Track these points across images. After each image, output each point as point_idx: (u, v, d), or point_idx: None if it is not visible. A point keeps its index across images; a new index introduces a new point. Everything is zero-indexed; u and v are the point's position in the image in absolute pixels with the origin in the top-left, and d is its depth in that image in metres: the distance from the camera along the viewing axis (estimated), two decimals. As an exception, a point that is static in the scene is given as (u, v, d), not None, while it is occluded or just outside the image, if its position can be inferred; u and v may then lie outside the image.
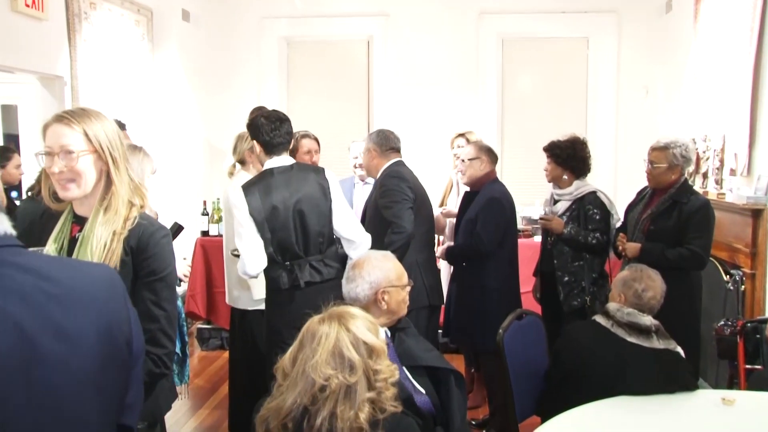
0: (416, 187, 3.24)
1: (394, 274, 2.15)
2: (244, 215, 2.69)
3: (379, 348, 1.52)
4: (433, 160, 5.29)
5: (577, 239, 3.35)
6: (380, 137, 3.33)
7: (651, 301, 2.46)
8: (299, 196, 2.72)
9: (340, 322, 1.53)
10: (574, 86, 5.66)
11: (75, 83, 3.83)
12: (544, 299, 3.60)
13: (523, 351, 2.58)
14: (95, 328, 1.01)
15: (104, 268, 1.15)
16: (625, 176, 5.30)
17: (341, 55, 5.87)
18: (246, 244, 2.68)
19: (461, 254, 3.42)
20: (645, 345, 2.35)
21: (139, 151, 2.53)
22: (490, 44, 5.62)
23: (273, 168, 2.76)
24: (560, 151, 3.45)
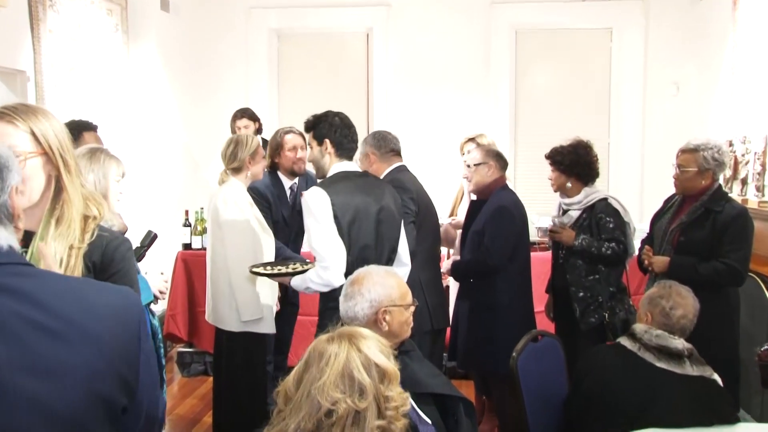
0: (420, 197, 3.24)
1: (397, 292, 2.16)
2: (327, 216, 2.68)
3: (392, 372, 1.53)
4: (439, 165, 5.29)
5: (590, 251, 3.36)
6: (377, 139, 3.32)
7: (681, 321, 2.44)
8: (380, 206, 2.80)
9: (350, 342, 1.53)
10: (596, 83, 5.66)
11: (39, 79, 3.84)
12: (558, 317, 3.61)
13: (539, 377, 2.58)
14: (88, 369, 0.99)
15: (120, 296, 1.10)
16: (653, 183, 5.28)
17: (337, 49, 5.89)
18: (332, 247, 2.66)
19: (468, 270, 3.43)
20: (676, 371, 2.35)
21: (99, 154, 2.52)
22: (502, 37, 5.63)
23: (349, 171, 2.83)
24: (562, 158, 3.49)
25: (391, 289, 2.15)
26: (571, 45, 5.69)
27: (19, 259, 1.03)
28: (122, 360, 1.04)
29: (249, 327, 3.36)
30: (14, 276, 0.99)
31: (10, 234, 1.03)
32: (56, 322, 0.98)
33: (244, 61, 5.81)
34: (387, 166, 3.28)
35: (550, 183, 3.57)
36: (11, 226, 1.04)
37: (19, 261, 1.02)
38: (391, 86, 5.74)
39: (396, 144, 3.34)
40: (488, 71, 5.65)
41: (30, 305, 0.97)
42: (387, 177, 3.24)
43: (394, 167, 3.28)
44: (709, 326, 2.71)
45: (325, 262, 2.66)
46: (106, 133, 4.01)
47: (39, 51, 3.85)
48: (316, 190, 2.73)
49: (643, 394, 2.29)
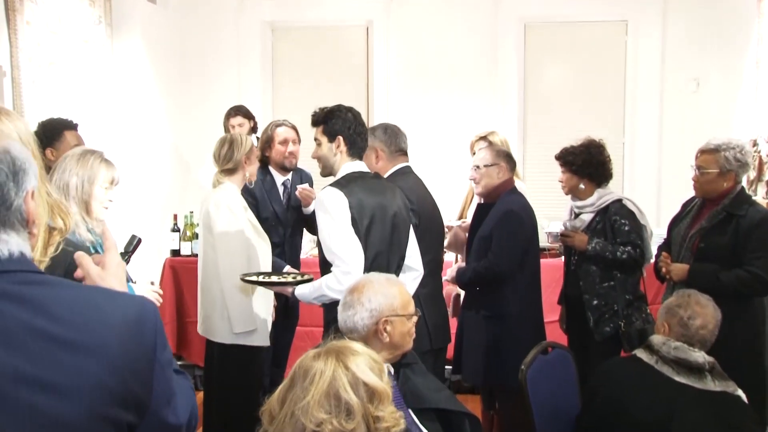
0: (423, 205, 3.21)
1: (399, 301, 2.16)
2: (345, 217, 2.66)
3: (381, 391, 1.52)
4: (444, 165, 5.29)
5: (604, 255, 3.36)
6: (388, 135, 3.27)
7: (701, 332, 2.43)
8: (394, 210, 2.80)
9: (337, 359, 1.53)
10: (610, 79, 5.65)
11: (16, 74, 3.83)
12: (570, 327, 3.61)
13: (549, 391, 2.59)
14: (94, 383, 1.01)
15: (136, 306, 1.12)
16: (671, 186, 5.26)
17: (335, 43, 5.90)
18: (353, 250, 2.64)
19: (474, 278, 3.41)
20: (696, 386, 2.35)
21: (88, 157, 2.52)
22: (510, 30, 5.63)
23: (363, 172, 2.82)
24: (573, 158, 3.50)
25: (393, 299, 2.15)
26: (583, 39, 5.69)
27: (30, 266, 1.05)
28: (133, 374, 1.06)
29: (241, 339, 3.35)
30: (24, 284, 1.02)
31: (23, 240, 1.06)
32: (64, 333, 1.01)
33: (236, 56, 5.81)
34: (392, 166, 3.25)
35: (561, 185, 3.59)
36: (25, 232, 1.07)
37: (30, 269, 1.05)
38: (393, 83, 5.74)
39: (405, 142, 3.33)
40: (495, 67, 5.65)
41: (38, 315, 1.00)
42: (388, 179, 3.21)
43: (398, 168, 3.25)
44: (733, 338, 2.70)
45: (346, 266, 2.61)
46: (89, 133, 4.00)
47: (16, 45, 3.85)
48: (332, 190, 2.70)
49: (661, 411, 2.28)
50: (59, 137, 3.36)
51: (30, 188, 1.06)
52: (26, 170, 1.06)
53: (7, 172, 1.03)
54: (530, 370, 2.55)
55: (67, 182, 2.48)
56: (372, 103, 5.79)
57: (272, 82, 5.93)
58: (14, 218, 1.04)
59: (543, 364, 2.62)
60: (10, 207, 1.03)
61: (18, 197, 1.04)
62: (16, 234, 1.05)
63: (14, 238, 1.04)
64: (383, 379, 1.55)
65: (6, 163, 1.03)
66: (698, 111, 5.38)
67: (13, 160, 1.04)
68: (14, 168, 1.04)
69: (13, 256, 1.03)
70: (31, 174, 1.07)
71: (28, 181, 1.06)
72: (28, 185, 1.06)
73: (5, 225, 1.04)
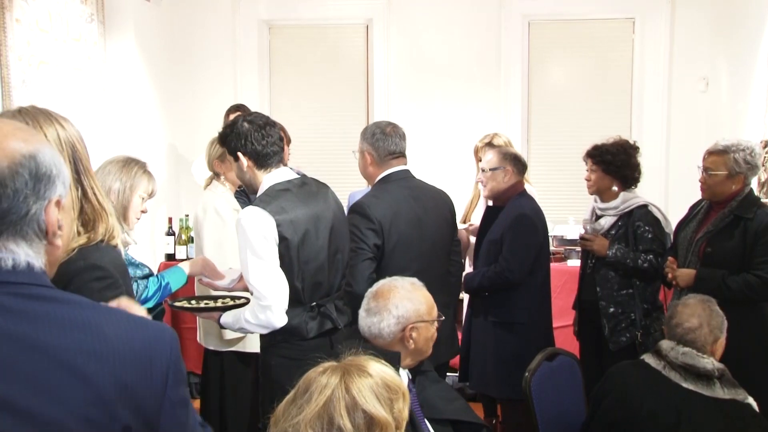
0: (393, 221, 3.00)
1: (425, 306, 2.19)
2: (267, 244, 2.50)
3: (383, 423, 1.44)
4: (446, 167, 5.30)
5: (624, 262, 3.34)
6: (376, 139, 3.09)
7: (677, 330, 2.42)
8: (328, 216, 2.68)
9: (342, 378, 1.47)
10: (617, 78, 5.67)
11: (5, 74, 3.85)
12: (584, 334, 3.59)
13: (555, 398, 2.59)
14: (77, 414, 0.95)
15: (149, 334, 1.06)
16: (679, 188, 5.27)
17: (334, 42, 5.91)
18: (273, 283, 2.51)
19: (483, 283, 3.40)
20: (705, 393, 2.34)
21: (133, 165, 2.65)
22: (513, 27, 5.64)
23: (285, 182, 2.65)
24: (612, 158, 3.45)
25: (420, 304, 2.17)
26: (589, 36, 5.70)
27: (36, 279, 1.01)
28: (132, 410, 1.00)
29: (233, 346, 3.36)
30: (22, 297, 0.99)
31: (35, 252, 1.02)
32: (51, 354, 0.96)
33: (231, 56, 5.82)
34: (382, 171, 3.09)
35: (588, 184, 3.54)
36: (41, 243, 1.02)
37: (35, 282, 1.01)
38: (393, 82, 5.75)
39: (399, 144, 3.12)
40: (498, 65, 5.66)
41: (29, 331, 0.96)
42: (374, 187, 3.12)
43: (385, 175, 3.08)
44: (743, 345, 2.70)
45: (265, 300, 2.50)
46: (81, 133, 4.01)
47: (5, 43, 3.86)
48: (253, 211, 2.52)
49: (668, 418, 2.28)
50: None
51: (54, 197, 1.02)
52: (52, 178, 1.02)
53: (28, 179, 0.99)
54: (534, 377, 2.55)
55: (110, 186, 2.58)
56: (372, 104, 5.80)
57: (269, 81, 5.93)
58: (28, 228, 1.00)
59: (548, 371, 2.62)
60: (26, 215, 1.00)
61: (37, 205, 1.00)
62: (27, 245, 1.01)
63: (23, 248, 1.00)
64: (393, 408, 1.48)
65: (28, 169, 0.99)
66: (707, 111, 5.39)
67: (37, 166, 1.00)
68: (37, 174, 1.00)
69: (18, 267, 0.99)
70: (59, 182, 1.03)
71: (53, 189, 1.02)
72: (52, 194, 1.02)
73: (16, 234, 1.00)
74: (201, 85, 5.77)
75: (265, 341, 2.67)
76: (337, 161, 5.39)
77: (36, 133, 1.06)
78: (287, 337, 2.58)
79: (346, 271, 2.79)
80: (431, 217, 3.10)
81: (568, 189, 5.32)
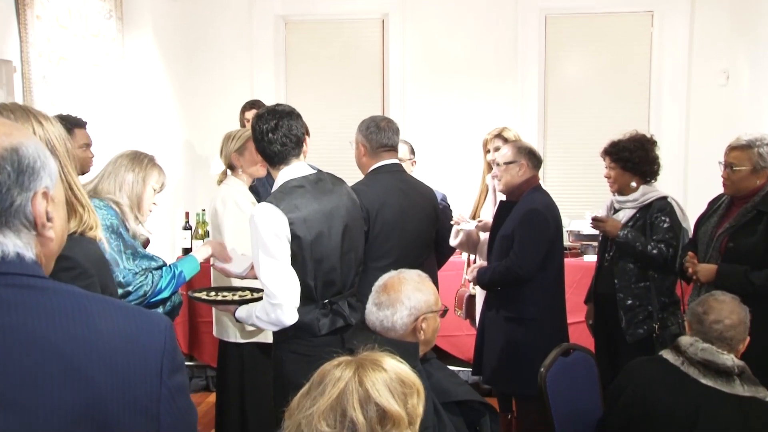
0: (379, 210, 3.08)
1: (434, 297, 2.21)
2: (279, 241, 2.50)
3: (396, 416, 1.45)
4: (461, 162, 5.30)
5: (633, 245, 3.34)
6: (370, 131, 3.17)
7: (714, 327, 2.40)
8: (342, 213, 2.68)
9: (356, 371, 1.48)
10: (635, 73, 5.62)
11: (26, 69, 3.88)
12: (599, 328, 3.58)
13: (570, 394, 2.58)
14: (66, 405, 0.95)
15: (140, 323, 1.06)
16: (699, 183, 5.22)
17: (350, 37, 5.91)
18: (284, 281, 2.52)
19: (494, 278, 3.40)
20: (724, 390, 2.32)
21: (143, 158, 2.70)
22: (530, 22, 5.61)
23: (300, 177, 2.65)
24: (630, 154, 3.44)
25: (429, 295, 2.19)
26: (607, 30, 5.66)
27: (27, 269, 1.01)
28: (127, 400, 1.00)
29: (254, 337, 3.37)
30: (12, 287, 0.99)
31: (24, 242, 1.02)
32: (40, 345, 0.96)
33: (248, 51, 5.84)
34: (374, 162, 3.19)
35: (609, 182, 3.53)
36: (30, 234, 1.03)
37: (25, 272, 1.01)
38: (409, 77, 5.74)
39: (391, 138, 3.19)
40: (515, 60, 5.63)
41: (19, 321, 0.96)
42: (365, 177, 3.20)
43: (376, 167, 3.17)
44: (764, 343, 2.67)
45: (275, 299, 2.51)
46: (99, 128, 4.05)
47: (26, 39, 3.90)
48: (266, 208, 2.53)
49: (686, 413, 2.26)
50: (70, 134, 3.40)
51: (40, 189, 1.03)
52: (36, 170, 1.03)
53: (10, 171, 1.01)
54: (550, 372, 2.54)
55: (123, 178, 2.65)
56: (387, 98, 5.80)
57: (285, 76, 5.95)
58: (15, 219, 1.02)
59: (563, 366, 2.61)
60: (10, 206, 1.01)
61: (21, 197, 1.02)
62: (15, 235, 1.02)
63: (11, 239, 1.01)
64: (406, 403, 1.49)
65: (10, 162, 1.01)
66: (727, 105, 5.33)
67: (19, 160, 1.02)
68: (19, 167, 1.01)
69: (7, 257, 1.00)
70: (44, 174, 1.04)
71: (38, 181, 1.03)
72: (37, 185, 1.03)
73: (3, 225, 1.01)
74: (217, 81, 5.79)
75: (277, 337, 2.69)
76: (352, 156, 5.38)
77: (20, 127, 1.07)
78: (299, 333, 2.59)
79: (359, 268, 2.79)
80: (415, 210, 3.21)
81: (585, 184, 5.29)
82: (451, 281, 4.12)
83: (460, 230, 3.71)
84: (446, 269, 3.79)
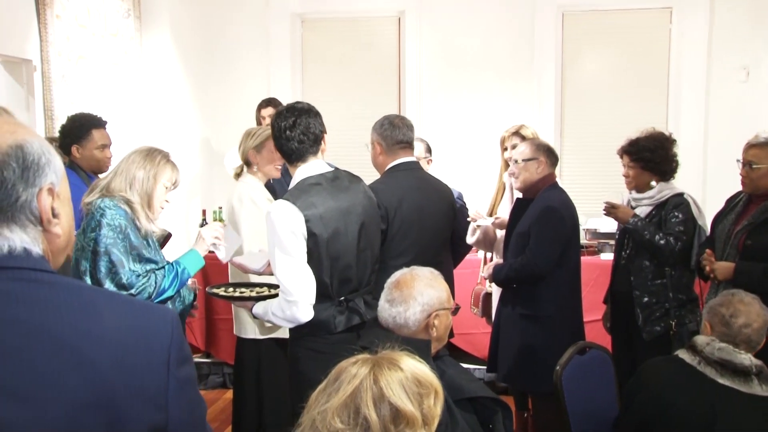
0: (397, 208, 3.09)
1: (446, 294, 2.21)
2: (295, 239, 2.52)
3: (410, 416, 1.44)
4: (477, 159, 5.29)
5: (642, 233, 3.34)
6: (385, 128, 3.19)
7: (744, 331, 2.39)
8: (359, 211, 2.69)
9: (372, 369, 1.48)
10: (653, 69, 5.57)
11: (46, 68, 3.93)
12: (617, 326, 3.56)
13: (586, 393, 2.56)
14: (74, 397, 0.96)
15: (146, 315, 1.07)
16: (717, 181, 5.17)
17: (366, 34, 5.91)
18: (300, 279, 2.53)
19: (510, 275, 3.39)
20: (742, 390, 2.30)
21: (156, 155, 2.68)
22: (547, 18, 5.59)
23: (317, 175, 2.66)
24: (651, 154, 3.42)
25: (441, 291, 2.19)
26: (625, 27, 5.61)
27: (34, 264, 1.02)
28: (134, 392, 1.01)
29: (272, 333, 3.38)
30: (19, 281, 1.00)
31: (31, 237, 1.04)
32: (48, 338, 0.97)
33: (265, 49, 5.86)
34: (391, 160, 3.19)
35: (626, 181, 3.52)
36: (36, 229, 1.04)
37: (33, 266, 1.02)
38: (425, 75, 5.73)
39: (406, 134, 3.20)
40: (532, 57, 5.61)
41: (25, 315, 0.98)
42: (383, 176, 3.20)
43: (394, 165, 3.18)
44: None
45: (291, 296, 2.53)
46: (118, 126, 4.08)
47: (46, 38, 3.94)
48: (282, 206, 2.54)
49: (703, 414, 2.24)
50: (86, 135, 3.43)
51: (46, 184, 1.05)
52: (41, 166, 1.04)
53: (15, 167, 1.02)
54: (565, 371, 2.53)
55: (134, 174, 2.62)
56: (404, 96, 5.80)
57: (302, 74, 5.96)
58: (21, 214, 1.03)
59: (579, 365, 2.60)
60: (16, 202, 1.02)
61: (27, 193, 1.03)
62: (22, 230, 1.03)
63: (18, 234, 1.02)
64: (422, 403, 1.47)
65: (15, 159, 1.02)
66: (747, 102, 5.28)
67: (24, 156, 1.03)
68: (24, 163, 1.03)
69: (14, 252, 1.01)
70: (49, 170, 1.05)
71: (43, 177, 1.05)
72: (42, 181, 1.04)
73: (9, 220, 1.02)
74: (234, 79, 5.82)
75: (294, 333, 2.70)
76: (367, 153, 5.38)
77: (23, 125, 1.09)
78: (315, 330, 2.60)
79: (375, 266, 2.79)
80: (432, 208, 3.20)
81: (602, 182, 5.25)
82: (468, 279, 4.12)
83: (477, 227, 3.70)
84: (462, 267, 3.78)
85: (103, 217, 2.52)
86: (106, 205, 2.54)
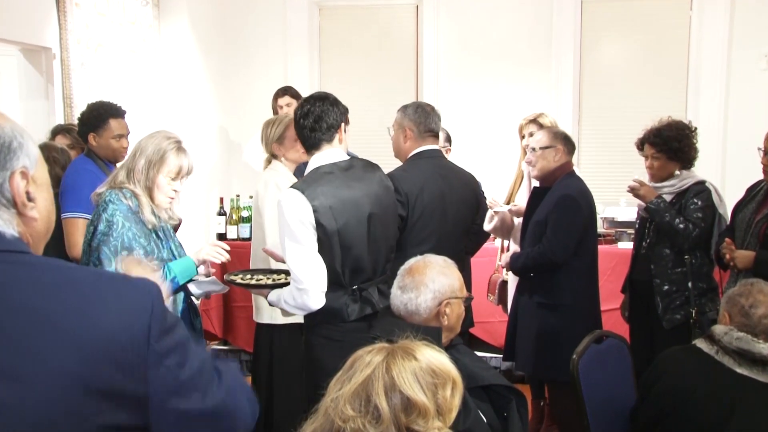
0: (419, 195, 3.08)
1: (458, 283, 2.20)
2: (304, 228, 2.52)
3: (422, 407, 1.43)
4: (495, 148, 5.27)
5: (662, 215, 3.33)
6: (419, 114, 3.20)
7: (764, 321, 2.37)
8: (370, 200, 2.66)
9: (386, 358, 1.48)
10: (673, 57, 5.51)
11: (65, 56, 3.95)
12: (636, 315, 3.55)
13: (603, 382, 2.55)
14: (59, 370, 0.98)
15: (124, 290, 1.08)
16: (737, 171, 5.11)
17: (384, 23, 5.89)
18: (310, 266, 2.53)
19: (527, 264, 3.38)
20: (760, 379, 2.29)
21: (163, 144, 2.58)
22: (566, 6, 5.54)
23: (331, 164, 2.64)
24: (679, 144, 3.39)
25: (454, 280, 2.18)
26: (644, 14, 5.54)
27: (9, 245, 1.03)
28: (116, 364, 1.01)
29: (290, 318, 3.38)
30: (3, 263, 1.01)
31: (4, 220, 1.05)
32: (28, 315, 0.98)
33: (282, 37, 5.85)
34: (418, 146, 3.20)
35: (648, 172, 3.49)
36: (10, 212, 1.06)
37: (8, 248, 1.03)
38: (443, 63, 5.70)
39: (437, 123, 3.24)
40: (550, 45, 5.56)
41: (7, 295, 0.99)
42: (407, 162, 3.20)
43: (418, 152, 3.19)
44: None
45: (301, 284, 2.52)
46: (136, 114, 4.10)
47: (65, 27, 3.96)
48: (291, 195, 2.54)
49: (722, 404, 2.23)
50: (104, 124, 3.40)
51: (18, 168, 1.05)
52: (12, 149, 1.05)
53: None
54: (582, 359, 2.51)
55: (136, 165, 2.56)
56: (421, 84, 5.77)
57: (319, 62, 5.95)
58: None
59: (596, 353, 2.58)
60: None
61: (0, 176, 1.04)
62: None
63: None
64: (436, 394, 1.46)
65: None
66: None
67: None
68: None
69: None
70: (21, 154, 1.06)
71: (15, 160, 1.05)
72: (14, 165, 1.05)
73: None
74: (252, 67, 5.82)
75: (308, 321, 2.70)
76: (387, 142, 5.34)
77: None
78: (328, 318, 2.60)
79: (390, 255, 2.78)
80: (455, 197, 3.20)
81: (620, 170, 5.20)
82: (485, 267, 4.10)
83: (495, 214, 3.69)
84: (480, 255, 3.77)
85: (105, 211, 2.48)
86: (110, 199, 2.49)
